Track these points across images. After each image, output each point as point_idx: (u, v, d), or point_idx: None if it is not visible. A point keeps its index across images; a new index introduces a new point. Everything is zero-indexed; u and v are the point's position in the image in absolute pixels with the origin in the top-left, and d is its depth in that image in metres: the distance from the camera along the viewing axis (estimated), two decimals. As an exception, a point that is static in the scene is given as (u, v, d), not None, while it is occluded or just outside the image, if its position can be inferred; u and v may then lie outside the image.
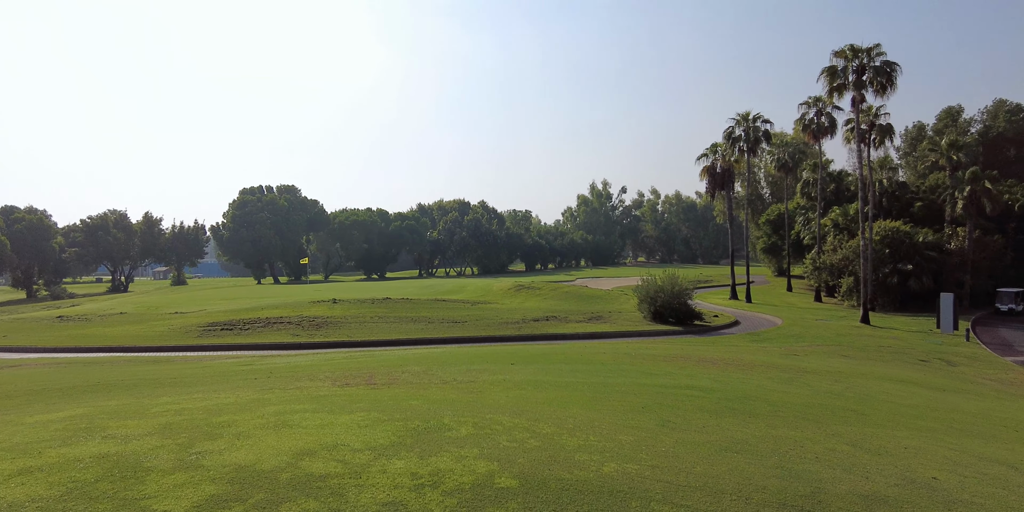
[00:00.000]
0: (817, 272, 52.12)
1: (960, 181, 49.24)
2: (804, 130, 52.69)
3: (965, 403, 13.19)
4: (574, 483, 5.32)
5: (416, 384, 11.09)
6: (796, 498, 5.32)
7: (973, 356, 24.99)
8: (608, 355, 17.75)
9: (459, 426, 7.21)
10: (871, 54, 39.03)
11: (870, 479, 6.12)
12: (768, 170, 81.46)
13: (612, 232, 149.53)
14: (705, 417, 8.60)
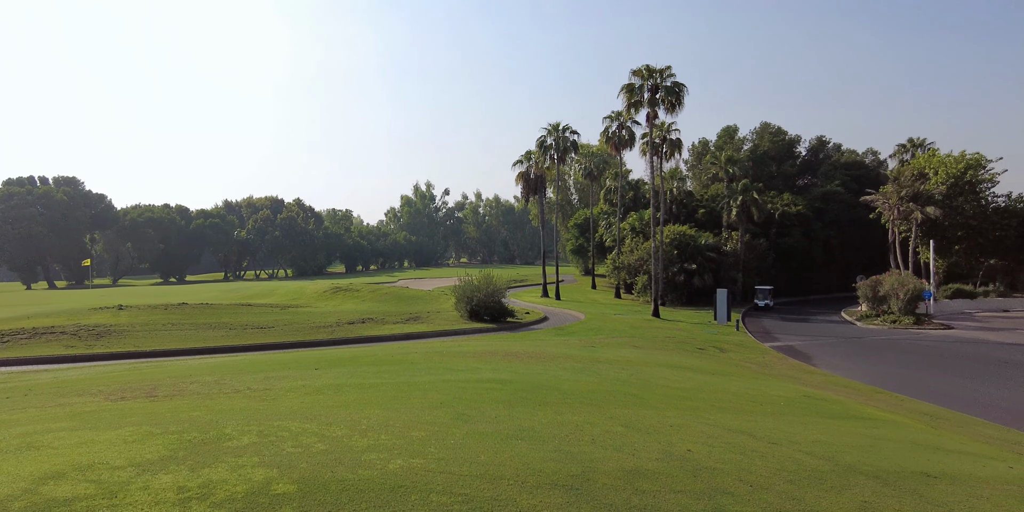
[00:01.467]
0: (617, 271, 56.70)
1: (734, 192, 56.41)
2: (608, 142, 56.97)
3: (728, 384, 15.16)
4: (356, 483, 5.28)
5: (203, 395, 10.29)
6: (568, 478, 5.76)
7: (741, 343, 28.81)
8: (420, 355, 17.82)
9: (241, 435, 6.82)
10: (663, 75, 43.28)
11: (636, 455, 6.79)
12: (577, 177, 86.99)
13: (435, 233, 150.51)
14: (499, 408, 8.99)
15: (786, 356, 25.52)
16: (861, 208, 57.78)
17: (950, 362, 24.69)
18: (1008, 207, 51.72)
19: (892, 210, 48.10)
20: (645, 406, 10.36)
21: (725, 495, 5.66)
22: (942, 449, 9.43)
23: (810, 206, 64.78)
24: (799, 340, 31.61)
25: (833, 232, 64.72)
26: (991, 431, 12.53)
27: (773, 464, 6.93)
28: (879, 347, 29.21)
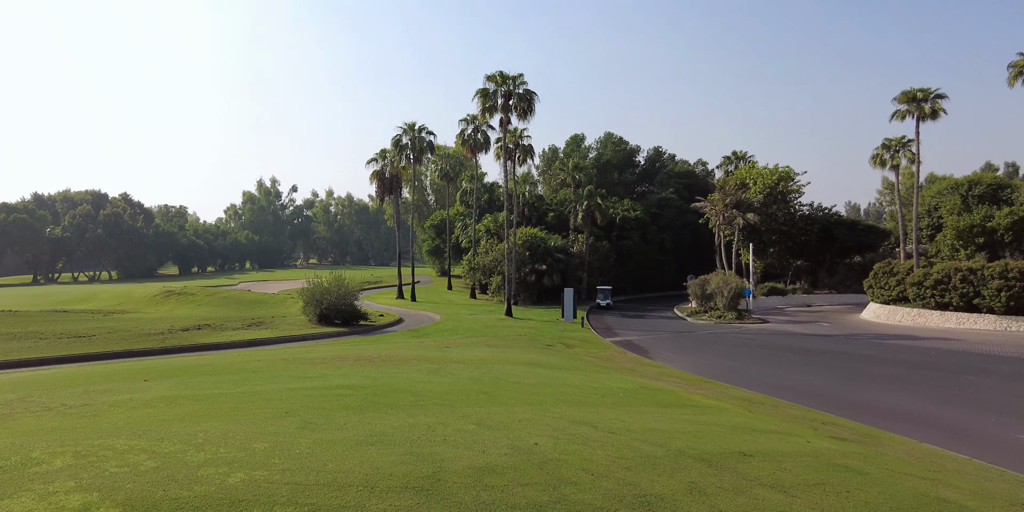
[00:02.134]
0: (472, 272, 57.46)
1: (581, 197, 59.30)
2: (464, 144, 57.51)
3: (573, 378, 15.94)
4: (192, 500, 4.94)
5: (3, 416, 9.04)
6: (418, 479, 5.78)
7: (585, 339, 30.39)
8: (263, 362, 16.91)
9: (53, 458, 6.09)
10: (516, 82, 44.49)
11: (486, 452, 6.96)
12: (433, 178, 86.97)
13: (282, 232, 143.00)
14: (349, 414, 8.79)
15: (626, 350, 27.27)
16: (692, 213, 63.18)
17: (765, 352, 27.75)
18: (811, 215, 59.15)
19: (718, 216, 53.09)
20: (496, 403, 10.63)
21: (569, 485, 5.98)
22: (756, 430, 10.59)
23: (648, 211, 69.73)
24: (638, 335, 33.92)
25: (668, 235, 70.19)
26: (795, 411, 14.28)
27: (612, 452, 7.42)
28: (706, 340, 32.12)
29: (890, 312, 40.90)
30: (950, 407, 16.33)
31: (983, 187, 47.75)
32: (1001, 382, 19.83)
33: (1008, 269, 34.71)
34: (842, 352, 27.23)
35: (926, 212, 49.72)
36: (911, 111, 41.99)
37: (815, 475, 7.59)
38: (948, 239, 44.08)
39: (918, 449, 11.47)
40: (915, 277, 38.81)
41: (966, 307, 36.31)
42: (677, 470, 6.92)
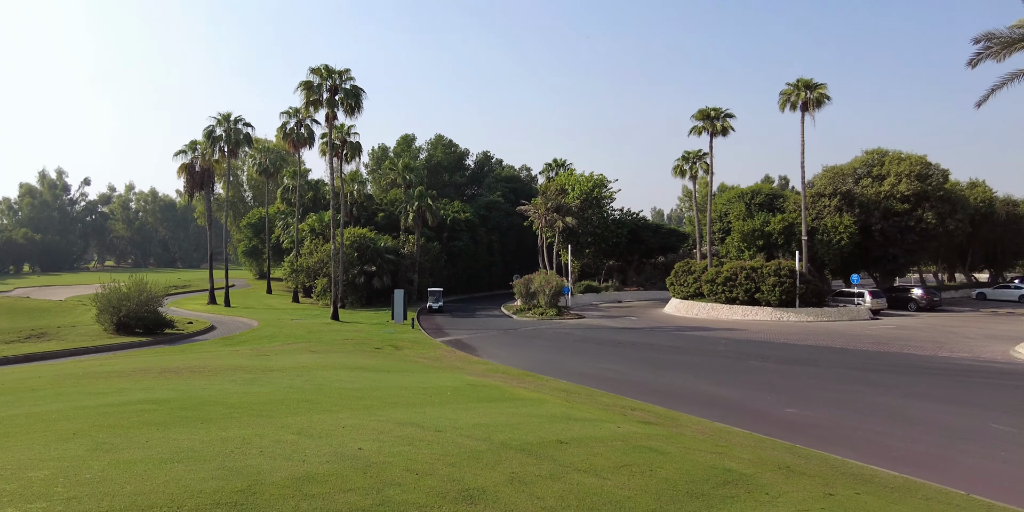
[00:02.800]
0: (295, 274, 54.77)
1: (411, 198, 59.01)
2: (285, 138, 54.56)
3: (402, 380, 15.88)
4: (-56, 544, 4.23)
5: None
6: (231, 494, 5.44)
7: (416, 340, 30.35)
8: (46, 379, 14.80)
9: None
10: (343, 77, 43.12)
11: (306, 461, 6.72)
12: (251, 174, 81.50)
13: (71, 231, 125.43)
14: (152, 431, 8.01)
15: (455, 349, 27.67)
16: (517, 216, 65.59)
17: (582, 345, 29.62)
18: (622, 219, 64.22)
19: (541, 219, 55.70)
20: (319, 411, 10.28)
21: (392, 486, 5.98)
22: (573, 419, 11.31)
23: (477, 213, 71.26)
24: (467, 334, 34.55)
25: (496, 237, 72.28)
26: (608, 399, 15.44)
27: (438, 450, 7.53)
28: (530, 336, 33.57)
29: (688, 306, 45.64)
30: (736, 388, 18.61)
31: (762, 196, 54.90)
32: (775, 365, 23.02)
33: (781, 267, 40.38)
34: (648, 343, 29.91)
35: (718, 217, 56.12)
36: (706, 127, 47.21)
37: (623, 457, 8.29)
38: (735, 241, 50.19)
39: (710, 427, 12.94)
40: (709, 275, 43.70)
41: (749, 301, 41.63)
42: (499, 462, 7.20)
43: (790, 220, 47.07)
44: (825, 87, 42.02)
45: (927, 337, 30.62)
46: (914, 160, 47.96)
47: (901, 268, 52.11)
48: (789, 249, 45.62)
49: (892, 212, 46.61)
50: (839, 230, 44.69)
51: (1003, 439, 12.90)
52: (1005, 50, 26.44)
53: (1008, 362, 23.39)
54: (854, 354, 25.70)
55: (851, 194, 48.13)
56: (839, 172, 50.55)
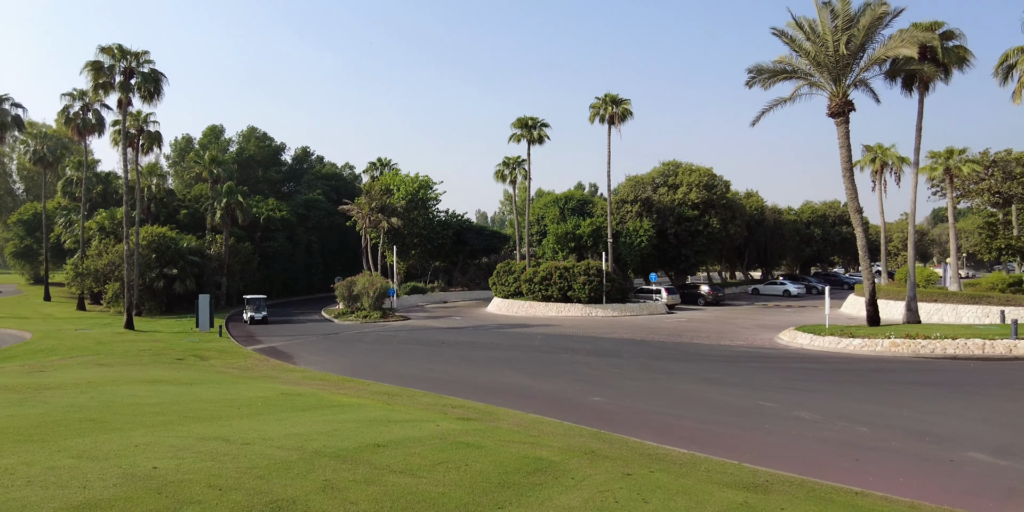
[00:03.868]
0: (81, 278, 48.26)
1: (219, 194, 54.68)
2: (68, 124, 47.85)
3: (206, 392, 14.73)
4: None
5: None
6: (-12, 533, 4.76)
7: (223, 349, 28.20)
8: None
9: None
10: (140, 59, 38.79)
11: (88, 487, 6.05)
12: (23, 162, 70.34)
13: None
14: None
15: (268, 357, 26.19)
16: (339, 216, 63.57)
17: (406, 347, 29.53)
18: (447, 221, 65.02)
19: (365, 219, 54.54)
20: (107, 430, 9.24)
21: (192, 505, 5.60)
22: (393, 421, 11.30)
23: (295, 212, 67.94)
24: (282, 341, 32.84)
25: (315, 237, 69.37)
26: (429, 399, 15.59)
27: (244, 464, 7.15)
28: (352, 340, 32.76)
29: (509, 305, 47.44)
30: (550, 381, 19.73)
31: (575, 202, 58.71)
32: (584, 357, 24.73)
33: (590, 267, 43.47)
34: (471, 342, 30.62)
35: (536, 220, 59.00)
36: (524, 135, 49.41)
37: (440, 455, 8.48)
38: (551, 243, 53.20)
39: (525, 419, 13.61)
40: (527, 275, 45.80)
41: (563, 298, 44.28)
42: (311, 471, 7.02)
43: (598, 224, 50.81)
44: (629, 102, 46.02)
45: (712, 328, 34.73)
46: (702, 172, 54.17)
47: (692, 267, 58.56)
48: (597, 250, 49.23)
49: (684, 218, 52.22)
50: (640, 233, 49.13)
51: (768, 414, 15.05)
52: (770, 80, 30.91)
53: (773, 348, 27.34)
54: (652, 345, 28.42)
55: (650, 201, 53.14)
56: (640, 181, 55.58)
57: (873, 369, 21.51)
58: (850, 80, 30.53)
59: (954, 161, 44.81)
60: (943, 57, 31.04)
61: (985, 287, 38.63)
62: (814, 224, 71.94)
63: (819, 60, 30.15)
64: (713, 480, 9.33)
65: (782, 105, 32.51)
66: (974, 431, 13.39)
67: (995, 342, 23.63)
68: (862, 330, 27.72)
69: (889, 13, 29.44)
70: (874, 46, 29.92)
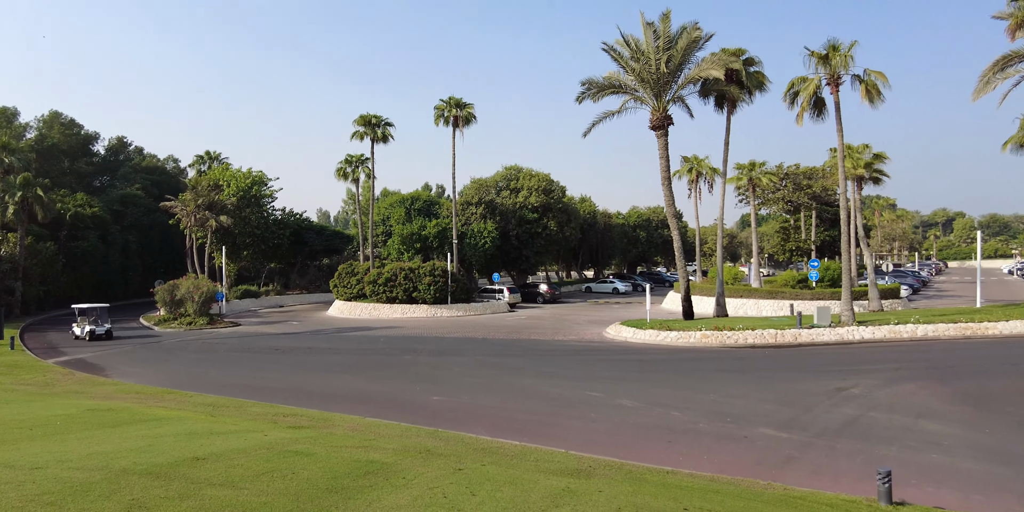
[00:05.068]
0: None
1: (13, 186, 47.72)
2: None
3: (-9, 414, 12.89)
4: None
5: None
6: None
7: (16, 364, 24.69)
8: None
9: None
10: None
11: None
12: None
13: None
14: None
15: (75, 371, 23.41)
16: (162, 213, 58.10)
17: (235, 355, 27.77)
18: (284, 219, 61.82)
19: (190, 217, 50.36)
20: None
21: (-38, 541, 4.97)
22: (215, 433, 10.67)
23: (109, 208, 61.10)
24: (92, 351, 29.47)
25: (133, 236, 62.86)
26: (259, 409, 14.86)
27: (32, 490, 6.44)
28: (174, 349, 30.20)
29: (352, 307, 46.26)
30: (390, 383, 19.61)
31: (421, 202, 58.52)
32: (426, 358, 24.84)
33: (435, 268, 43.67)
34: (308, 347, 29.49)
35: (381, 220, 57.99)
36: (367, 133, 48.42)
37: (265, 465, 8.19)
38: (396, 244, 52.62)
39: (362, 423, 13.46)
40: (371, 276, 44.95)
41: (408, 300, 44.03)
42: (116, 491, 6.50)
43: (444, 225, 51.19)
44: (472, 107, 46.86)
45: (549, 325, 36.40)
46: (541, 177, 56.51)
47: (532, 267, 60.91)
48: (443, 251, 49.61)
49: (525, 220, 54.17)
50: (484, 235, 50.22)
51: (595, 404, 16.15)
52: (599, 94, 33.06)
53: (601, 342, 29.26)
54: (493, 343, 29.21)
55: (494, 203, 54.50)
56: (484, 184, 56.79)
57: (687, 359, 23.82)
58: (669, 96, 33.51)
59: (756, 173, 50.77)
60: (746, 81, 35.08)
61: (780, 284, 44.18)
62: (640, 227, 77.79)
63: (643, 77, 32.77)
64: (541, 469, 9.89)
65: (611, 117, 34.93)
66: (764, 410, 15.35)
67: (784, 332, 27.17)
68: (678, 324, 30.53)
69: (702, 37, 32.73)
70: (690, 66, 33.10)
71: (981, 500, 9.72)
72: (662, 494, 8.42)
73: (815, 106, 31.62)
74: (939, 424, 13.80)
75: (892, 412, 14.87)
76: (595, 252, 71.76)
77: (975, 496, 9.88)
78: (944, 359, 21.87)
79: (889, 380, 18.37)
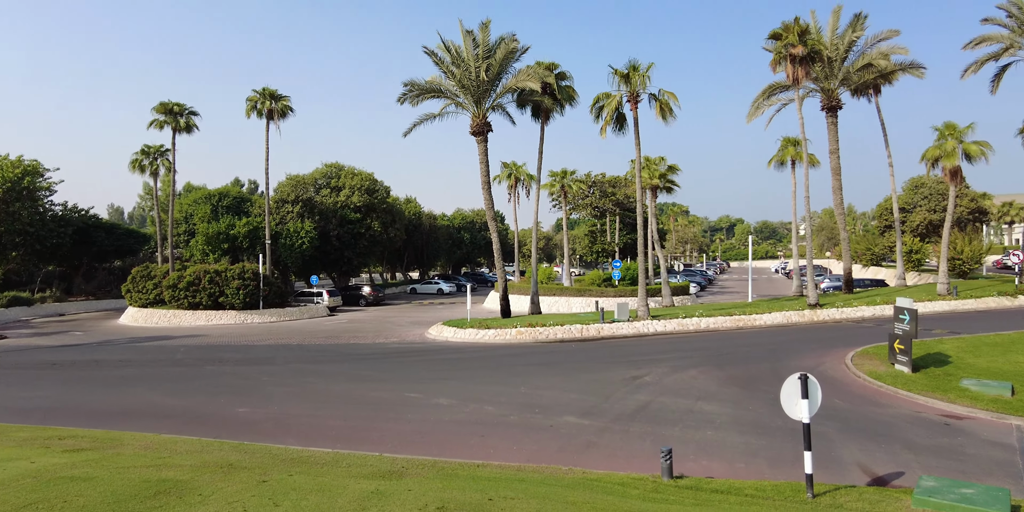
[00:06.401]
0: None
1: None
2: None
3: None
4: None
5: None
6: None
7: None
8: None
9: None
10: None
11: None
12: None
13: None
14: None
15: None
16: None
17: (-1, 373, 23.91)
18: (65, 216, 54.02)
19: (-64, 211, 42.31)
20: None
21: None
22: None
23: None
24: None
25: None
26: (27, 433, 13.03)
27: None
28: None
29: (148, 315, 41.82)
30: (191, 396, 18.14)
31: (230, 199, 54.41)
32: (233, 367, 23.28)
33: (245, 270, 40.95)
34: (95, 360, 26.22)
35: (183, 218, 53.01)
36: (168, 122, 44.10)
37: (31, 495, 7.31)
38: (200, 244, 48.31)
39: (156, 441, 12.37)
40: (171, 280, 40.95)
41: (214, 305, 40.78)
42: None
43: (256, 224, 48.19)
44: (289, 99, 44.67)
45: (371, 328, 35.86)
46: (364, 176, 55.37)
47: (355, 269, 59.44)
48: (254, 252, 46.68)
49: (347, 220, 52.72)
50: (301, 235, 48.07)
51: (412, 405, 16.30)
52: (419, 97, 33.30)
53: (423, 342, 29.50)
54: (309, 349, 28.16)
55: (312, 202, 52.38)
56: (301, 181, 54.33)
57: (502, 355, 24.85)
58: (489, 103, 34.68)
59: (567, 180, 54.20)
60: (559, 94, 37.34)
61: (588, 283, 47.59)
62: (464, 229, 79.29)
63: (464, 83, 33.56)
64: (352, 474, 9.86)
65: (432, 120, 35.33)
66: (568, 399, 16.56)
67: (589, 327, 29.38)
68: (496, 322, 31.71)
69: (519, 49, 34.28)
70: (508, 76, 34.51)
71: (743, 467, 11.39)
72: (470, 487, 8.82)
73: (617, 120, 34.54)
74: (714, 405, 15.86)
75: (677, 396, 16.80)
76: (420, 253, 71.84)
77: (738, 464, 11.55)
78: (721, 348, 25.05)
79: (676, 368, 20.69)
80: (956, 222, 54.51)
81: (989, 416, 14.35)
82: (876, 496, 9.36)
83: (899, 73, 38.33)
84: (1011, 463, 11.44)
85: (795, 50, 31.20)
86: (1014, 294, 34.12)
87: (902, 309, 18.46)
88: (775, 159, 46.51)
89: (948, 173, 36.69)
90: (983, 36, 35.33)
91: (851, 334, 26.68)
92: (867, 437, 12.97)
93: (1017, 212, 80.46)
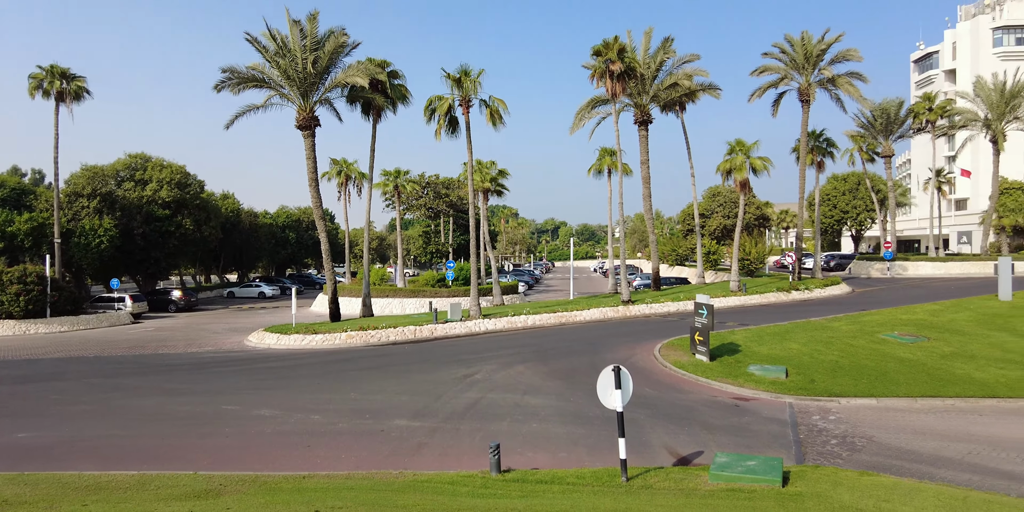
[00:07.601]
0: None
1: None
2: None
3: None
4: None
5: None
6: None
7: None
8: None
9: None
10: None
11: None
12: None
13: None
14: None
15: None
16: None
17: None
18: None
19: None
20: None
21: None
22: None
23: None
24: None
25: None
26: None
27: None
28: None
29: None
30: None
31: (7, 190, 46.93)
32: (10, 387, 20.04)
33: (27, 274, 35.48)
34: None
35: (-60, 212, 44.65)
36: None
37: None
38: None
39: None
40: (-76, 285, 34.30)
41: (-15, 314, 34.87)
42: None
43: (41, 220, 42.05)
44: (84, 80, 39.58)
45: (182, 336, 32.85)
46: (175, 168, 50.48)
47: (163, 271, 53.97)
48: (39, 252, 40.72)
49: (155, 217, 47.74)
50: (99, 233, 42.73)
51: (230, 417, 15.25)
52: (240, 85, 31.16)
53: (242, 350, 27.63)
54: (109, 361, 25.17)
55: (113, 196, 46.80)
56: (100, 172, 48.27)
57: (331, 361, 24.04)
58: (316, 97, 33.36)
59: (401, 180, 53.69)
60: (391, 92, 36.87)
61: (422, 283, 47.56)
62: (290, 228, 75.15)
63: (289, 74, 31.98)
64: (161, 497, 9.07)
65: (255, 111, 33.22)
66: (400, 402, 16.48)
67: (422, 327, 29.43)
68: (325, 326, 30.61)
69: (349, 43, 33.36)
70: (337, 71, 33.44)
71: (565, 456, 12.11)
72: (295, 500, 8.51)
73: (450, 124, 34.93)
74: (539, 398, 16.66)
75: (506, 392, 17.41)
76: (239, 254, 66.98)
77: (561, 454, 12.26)
78: (546, 343, 26.32)
79: (505, 364, 21.41)
80: (745, 227, 62.07)
81: (769, 396, 16.59)
82: (680, 475, 10.45)
83: (700, 93, 42.79)
84: (784, 435, 13.34)
85: (614, 66, 33.64)
86: (788, 290, 39.59)
87: (701, 305, 20.69)
88: (594, 167, 49.81)
89: (739, 184, 41.76)
90: (765, 66, 40.73)
91: (659, 327, 29.33)
92: (672, 421, 14.40)
93: (792, 219, 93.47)
